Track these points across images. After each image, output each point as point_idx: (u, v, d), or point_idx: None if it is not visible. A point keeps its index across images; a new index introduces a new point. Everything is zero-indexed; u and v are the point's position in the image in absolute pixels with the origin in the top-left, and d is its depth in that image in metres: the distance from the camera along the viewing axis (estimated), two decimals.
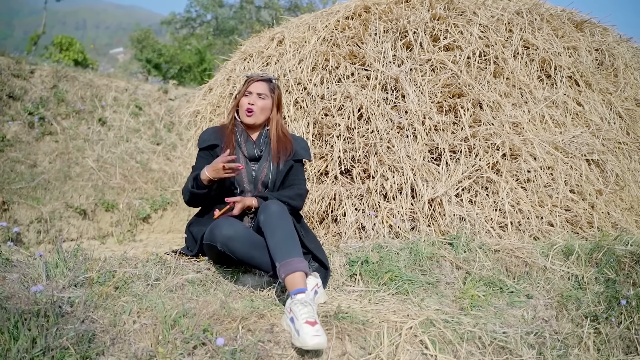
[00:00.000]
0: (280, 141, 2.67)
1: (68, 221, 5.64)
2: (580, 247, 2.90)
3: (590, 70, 4.30)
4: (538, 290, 2.65)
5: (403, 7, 4.29)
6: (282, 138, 2.68)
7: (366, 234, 3.35)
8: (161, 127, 7.97)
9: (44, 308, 1.71)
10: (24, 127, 6.55)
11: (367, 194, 3.46)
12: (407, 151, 3.48)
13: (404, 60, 3.91)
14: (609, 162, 3.69)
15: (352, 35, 4.14)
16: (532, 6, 4.56)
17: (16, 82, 7.02)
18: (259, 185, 2.59)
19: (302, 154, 2.72)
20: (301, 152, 2.73)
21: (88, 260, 2.27)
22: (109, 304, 1.94)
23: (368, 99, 3.69)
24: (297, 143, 2.75)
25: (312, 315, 1.86)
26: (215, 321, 1.89)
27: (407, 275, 2.59)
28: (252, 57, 4.61)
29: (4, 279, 2.05)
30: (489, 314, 2.33)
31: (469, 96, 3.66)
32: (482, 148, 3.47)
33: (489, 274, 2.70)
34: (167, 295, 2.12)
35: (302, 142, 2.78)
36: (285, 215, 2.25)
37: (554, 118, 3.87)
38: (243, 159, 2.60)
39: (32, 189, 5.64)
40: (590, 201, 3.46)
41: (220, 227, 2.25)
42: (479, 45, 3.95)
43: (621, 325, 2.36)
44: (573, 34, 4.50)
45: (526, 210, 3.29)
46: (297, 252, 2.14)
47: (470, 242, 2.92)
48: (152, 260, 2.44)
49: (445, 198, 3.27)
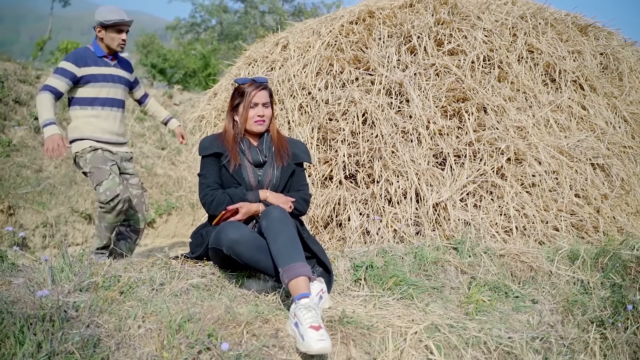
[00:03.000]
0: (279, 141, 2.69)
1: (73, 226, 5.67)
2: (586, 251, 2.89)
3: (595, 74, 4.29)
4: (543, 295, 2.64)
5: (407, 11, 4.30)
6: (279, 138, 2.71)
7: (371, 239, 3.35)
8: (166, 132, 8.00)
9: (49, 313, 1.72)
10: (30, 132, 6.59)
11: (371, 198, 3.46)
12: (412, 156, 3.48)
13: (408, 64, 3.91)
14: (614, 166, 3.68)
15: (357, 40, 4.15)
16: (536, 10, 4.56)
17: (22, 87, 7.07)
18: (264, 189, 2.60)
19: (302, 157, 2.73)
20: (302, 155, 2.73)
21: (93, 265, 2.28)
22: (114, 309, 1.94)
23: (372, 103, 3.69)
24: (296, 146, 2.75)
25: (317, 319, 1.86)
26: (220, 326, 1.90)
27: (411, 280, 2.58)
28: (256, 62, 4.63)
29: (10, 284, 2.06)
30: (494, 319, 2.32)
31: (473, 100, 3.66)
32: (486, 152, 3.46)
33: (494, 279, 2.70)
34: (172, 299, 2.12)
35: (301, 145, 2.78)
36: (287, 220, 2.25)
37: (558, 122, 3.86)
38: (249, 165, 2.60)
39: (37, 194, 5.67)
40: (595, 205, 3.45)
41: (226, 231, 2.25)
42: (483, 49, 3.95)
43: (627, 331, 2.35)
44: (577, 38, 4.49)
45: (531, 214, 3.28)
46: (300, 257, 2.14)
47: (475, 246, 2.91)
48: (157, 264, 2.44)
49: (450, 202, 3.27)
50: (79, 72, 3.49)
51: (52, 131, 3.34)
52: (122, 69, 3.74)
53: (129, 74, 3.83)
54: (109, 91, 3.60)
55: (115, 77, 3.65)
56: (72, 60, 3.48)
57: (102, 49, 3.60)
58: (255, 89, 2.59)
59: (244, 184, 2.56)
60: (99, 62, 3.59)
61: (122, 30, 3.58)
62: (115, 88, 3.65)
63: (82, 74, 3.49)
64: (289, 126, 4.03)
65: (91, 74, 3.52)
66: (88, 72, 3.52)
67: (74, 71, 3.46)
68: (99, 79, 3.55)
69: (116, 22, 3.50)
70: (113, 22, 3.50)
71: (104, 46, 3.60)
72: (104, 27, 3.52)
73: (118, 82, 3.67)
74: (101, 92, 3.57)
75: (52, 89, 3.41)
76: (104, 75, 3.58)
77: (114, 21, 3.49)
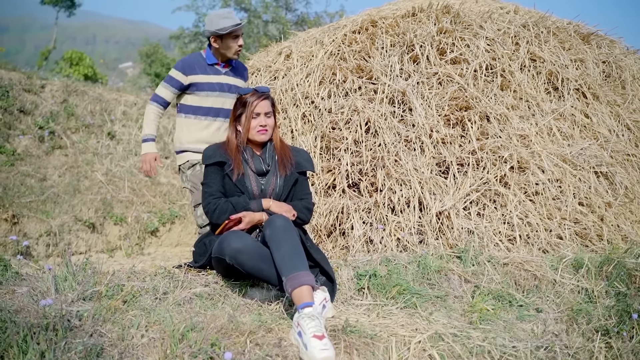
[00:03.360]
0: (282, 150, 2.70)
1: (77, 234, 5.67)
2: (590, 260, 2.87)
3: (598, 82, 4.30)
4: (548, 304, 2.63)
5: (410, 21, 4.32)
6: (282, 146, 2.71)
7: (374, 248, 3.34)
8: (169, 140, 8.02)
9: (52, 322, 1.72)
10: (34, 141, 6.62)
11: (374, 207, 3.46)
12: (415, 164, 3.48)
13: (411, 73, 3.92)
14: (617, 174, 3.67)
15: (359, 49, 4.17)
16: (539, 19, 4.57)
17: (27, 96, 7.12)
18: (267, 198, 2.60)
19: (306, 165, 2.73)
20: (305, 164, 2.73)
21: (97, 274, 2.28)
22: (117, 318, 1.94)
23: (375, 112, 3.70)
24: (299, 155, 2.75)
25: (320, 328, 1.86)
26: (223, 335, 1.89)
27: (415, 289, 2.58)
28: (259, 71, 4.65)
29: (14, 293, 2.07)
30: (498, 328, 2.31)
31: (476, 109, 3.67)
32: (489, 161, 3.46)
33: (497, 288, 2.69)
34: (175, 309, 2.12)
35: (304, 154, 2.79)
36: (290, 229, 2.25)
37: (561, 130, 3.86)
38: (252, 174, 2.61)
39: (41, 203, 5.69)
40: (599, 214, 3.44)
41: (229, 240, 2.26)
42: (486, 58, 3.97)
43: (633, 340, 2.33)
44: (580, 47, 4.50)
45: (535, 223, 3.27)
46: (304, 266, 2.14)
47: (478, 255, 2.91)
48: (160, 273, 2.44)
49: (453, 211, 3.26)
50: (186, 81, 3.35)
51: (147, 149, 3.34)
52: (235, 76, 3.50)
53: (243, 82, 3.58)
54: (214, 100, 3.40)
55: (224, 85, 3.43)
56: (179, 68, 3.36)
57: (215, 57, 3.39)
58: (257, 99, 2.60)
59: (247, 192, 2.56)
60: (208, 70, 3.40)
61: (238, 36, 3.32)
62: (222, 97, 3.42)
63: (189, 82, 3.35)
64: (292, 135, 4.04)
65: (197, 82, 3.36)
66: (195, 80, 3.36)
67: (180, 79, 3.34)
68: (205, 88, 3.38)
69: (232, 29, 3.25)
70: (229, 30, 3.26)
71: (217, 54, 3.39)
72: (219, 37, 3.28)
73: (227, 91, 3.43)
74: (205, 101, 3.39)
75: (158, 99, 3.36)
76: (211, 84, 3.39)
77: (229, 29, 3.25)
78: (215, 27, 3.26)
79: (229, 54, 3.36)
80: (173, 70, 3.38)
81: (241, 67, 3.61)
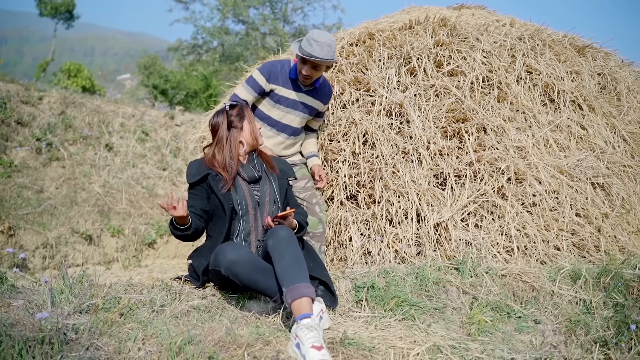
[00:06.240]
0: (266, 156, 2.85)
1: (74, 247, 5.65)
2: (588, 271, 2.87)
3: (593, 94, 4.32)
4: (546, 315, 2.63)
5: (407, 33, 4.35)
6: (264, 154, 2.87)
7: (372, 259, 3.34)
8: (167, 152, 8.02)
9: (48, 335, 1.71)
10: (31, 152, 6.61)
11: (372, 219, 3.46)
12: (412, 176, 3.49)
13: (408, 85, 3.94)
14: (614, 185, 3.69)
15: (357, 61, 4.19)
16: (534, 32, 4.61)
17: (25, 108, 7.12)
18: (265, 205, 2.62)
19: (289, 173, 2.91)
20: (289, 172, 2.91)
21: (93, 287, 2.27)
22: (114, 331, 1.93)
23: (373, 124, 3.72)
24: (281, 163, 2.91)
25: (318, 339, 1.86)
26: (220, 348, 1.88)
27: (413, 301, 2.57)
28: None
29: (9, 306, 2.06)
30: (496, 340, 2.30)
31: (473, 121, 3.68)
32: (487, 172, 3.47)
33: (496, 299, 2.68)
34: (172, 321, 2.11)
35: (285, 162, 2.97)
36: (293, 240, 2.27)
37: (558, 142, 3.88)
38: (243, 182, 2.63)
39: (38, 215, 5.66)
40: (596, 225, 3.45)
41: (224, 252, 2.28)
42: (483, 70, 3.99)
43: (632, 351, 2.33)
44: (575, 59, 4.54)
45: (532, 234, 3.27)
46: (304, 278, 2.15)
47: (476, 266, 2.91)
48: (157, 286, 2.43)
49: (451, 223, 3.27)
50: (267, 87, 3.30)
51: None
52: (315, 97, 3.40)
53: (322, 105, 3.48)
54: (281, 115, 3.33)
55: (298, 104, 3.33)
56: (265, 73, 3.30)
57: (297, 73, 3.29)
58: (239, 108, 2.81)
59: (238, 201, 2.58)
60: (289, 83, 3.32)
61: (306, 62, 3.15)
62: (291, 114, 3.34)
63: (269, 89, 3.30)
64: None
65: (274, 92, 3.30)
66: (273, 89, 3.30)
67: (262, 84, 3.28)
68: (277, 100, 3.32)
69: (303, 55, 3.10)
70: (300, 56, 3.15)
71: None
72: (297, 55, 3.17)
73: (299, 109, 3.35)
74: (273, 113, 3.33)
75: (239, 100, 3.25)
76: (285, 98, 3.31)
77: (300, 53, 3.12)
78: (295, 47, 3.19)
79: (299, 76, 3.26)
80: (257, 72, 3.31)
81: (326, 90, 3.49)
